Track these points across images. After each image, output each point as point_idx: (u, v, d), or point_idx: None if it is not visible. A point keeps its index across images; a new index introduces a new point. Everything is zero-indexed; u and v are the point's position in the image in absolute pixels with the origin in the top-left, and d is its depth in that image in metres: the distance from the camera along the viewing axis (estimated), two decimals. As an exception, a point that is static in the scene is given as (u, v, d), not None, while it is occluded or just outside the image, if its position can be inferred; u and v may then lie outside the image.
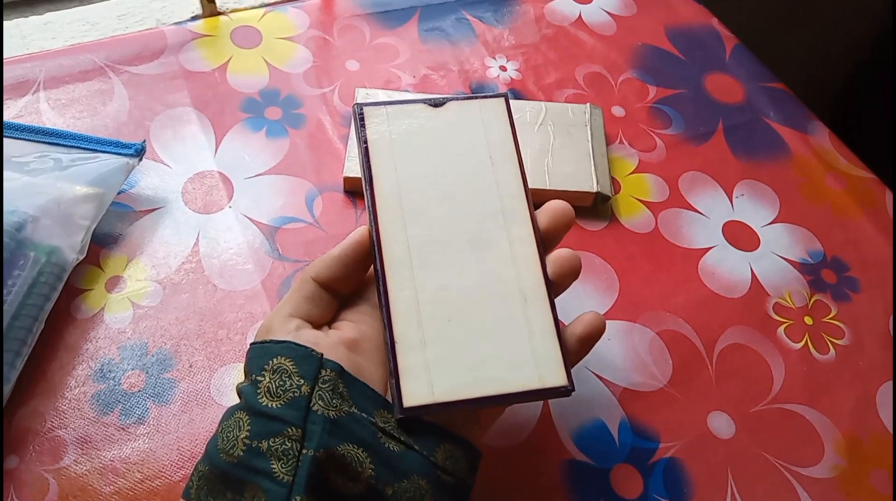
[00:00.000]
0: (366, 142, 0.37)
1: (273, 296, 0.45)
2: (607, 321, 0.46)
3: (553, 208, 0.37)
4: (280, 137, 0.53)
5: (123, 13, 0.60)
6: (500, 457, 0.40)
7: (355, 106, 0.37)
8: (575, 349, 0.35)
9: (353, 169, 0.50)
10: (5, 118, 0.50)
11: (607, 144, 0.56)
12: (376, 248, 0.34)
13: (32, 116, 0.51)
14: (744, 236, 0.53)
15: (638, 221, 0.53)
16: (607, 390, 0.44)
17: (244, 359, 0.41)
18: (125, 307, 0.44)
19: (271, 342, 0.33)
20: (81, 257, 0.43)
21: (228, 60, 0.57)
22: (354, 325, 0.35)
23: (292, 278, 0.46)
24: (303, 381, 0.31)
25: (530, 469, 0.40)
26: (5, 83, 0.52)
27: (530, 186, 0.50)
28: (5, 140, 0.46)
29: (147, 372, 0.41)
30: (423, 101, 0.38)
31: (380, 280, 0.34)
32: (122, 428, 0.39)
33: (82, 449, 0.38)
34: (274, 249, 0.47)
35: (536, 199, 0.37)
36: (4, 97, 0.52)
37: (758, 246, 0.52)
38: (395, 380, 0.32)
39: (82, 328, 0.42)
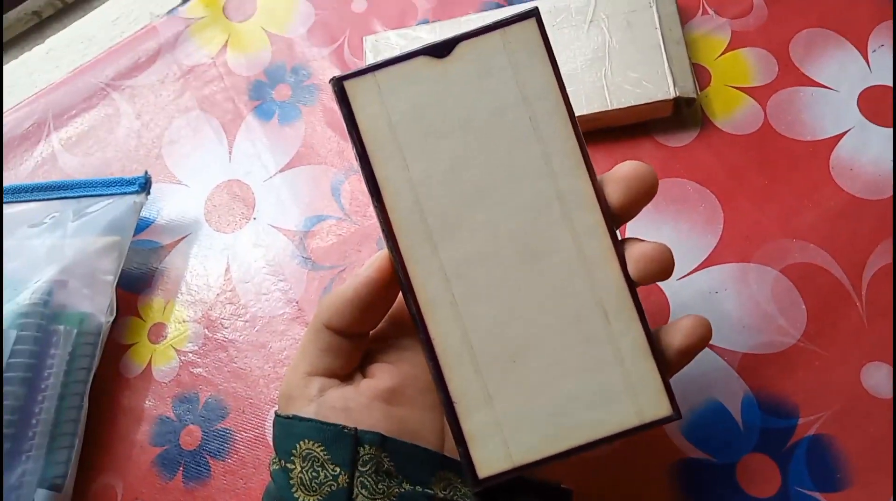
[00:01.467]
0: (358, 135, 0.26)
1: (313, 313, 0.40)
2: (712, 268, 0.37)
3: (624, 175, 0.26)
4: (294, 120, 0.46)
5: (117, 16, 0.55)
6: (595, 469, 0.34)
7: (331, 81, 0.27)
8: (673, 361, 0.27)
9: (376, 141, 0.43)
10: (25, 174, 0.48)
11: (685, 22, 0.44)
12: (404, 282, 0.26)
13: (49, 164, 0.48)
14: (888, 105, 0.39)
15: (740, 118, 0.41)
16: (721, 360, 0.35)
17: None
18: (171, 357, 0.41)
19: (295, 418, 0.27)
20: (112, 318, 0.41)
21: (226, 42, 0.50)
22: (392, 367, 0.29)
23: (329, 289, 0.41)
24: (339, 469, 0.26)
25: (634, 477, 0.34)
26: (20, 133, 0.50)
27: (586, 110, 0.40)
28: (19, 207, 0.44)
29: (202, 426, 0.39)
30: (421, 51, 0.27)
31: (418, 325, 0.26)
32: (188, 491, 0.37)
33: (155, 520, 0.37)
34: (306, 258, 0.42)
35: (597, 125, 0.25)
36: (21, 149, 0.49)
37: (912, 116, 0.39)
38: (462, 448, 0.26)
39: (134, 388, 0.41)
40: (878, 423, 0.33)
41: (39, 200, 0.44)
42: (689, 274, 0.37)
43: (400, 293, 0.28)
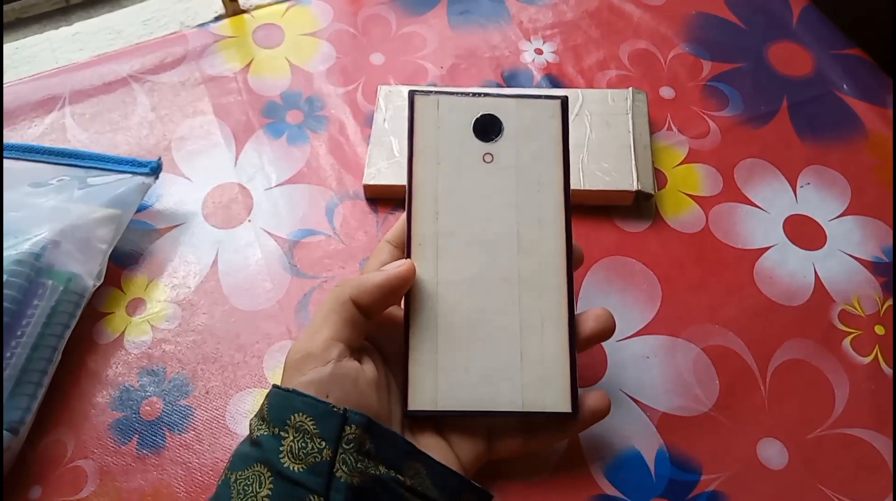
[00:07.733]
0: (411, 143, 0.36)
1: (290, 315, 0.44)
2: (647, 337, 0.43)
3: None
4: (301, 142, 0.51)
5: (148, 18, 0.59)
6: (522, 493, 0.38)
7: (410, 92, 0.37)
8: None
9: (374, 176, 0.48)
10: (31, 138, 0.51)
11: (653, 132, 0.51)
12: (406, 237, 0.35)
13: (57, 133, 0.51)
14: (808, 232, 0.47)
15: (686, 219, 0.48)
16: (644, 415, 0.40)
17: (262, 389, 0.41)
18: (145, 331, 0.43)
19: (293, 392, 0.31)
20: (99, 283, 0.43)
21: (250, 63, 0.55)
22: (378, 359, 0.35)
23: (310, 296, 0.44)
24: (324, 444, 0.29)
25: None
26: (35, 100, 0.52)
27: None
28: (27, 164, 0.46)
29: (164, 399, 0.41)
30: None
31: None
32: (139, 458, 0.39)
33: (101, 480, 0.38)
34: (292, 264, 0.46)
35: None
36: (33, 114, 0.52)
37: (824, 244, 0.47)
38: (403, 385, 0.34)
39: (103, 354, 0.42)
40: (765, 489, 0.38)
41: (47, 162, 0.46)
42: (627, 338, 0.43)
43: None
